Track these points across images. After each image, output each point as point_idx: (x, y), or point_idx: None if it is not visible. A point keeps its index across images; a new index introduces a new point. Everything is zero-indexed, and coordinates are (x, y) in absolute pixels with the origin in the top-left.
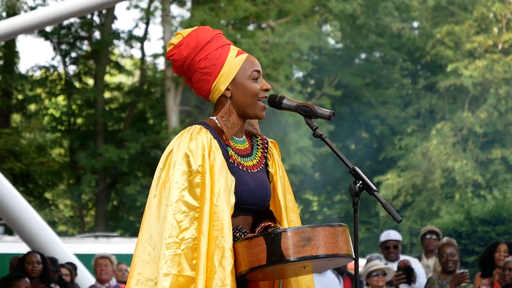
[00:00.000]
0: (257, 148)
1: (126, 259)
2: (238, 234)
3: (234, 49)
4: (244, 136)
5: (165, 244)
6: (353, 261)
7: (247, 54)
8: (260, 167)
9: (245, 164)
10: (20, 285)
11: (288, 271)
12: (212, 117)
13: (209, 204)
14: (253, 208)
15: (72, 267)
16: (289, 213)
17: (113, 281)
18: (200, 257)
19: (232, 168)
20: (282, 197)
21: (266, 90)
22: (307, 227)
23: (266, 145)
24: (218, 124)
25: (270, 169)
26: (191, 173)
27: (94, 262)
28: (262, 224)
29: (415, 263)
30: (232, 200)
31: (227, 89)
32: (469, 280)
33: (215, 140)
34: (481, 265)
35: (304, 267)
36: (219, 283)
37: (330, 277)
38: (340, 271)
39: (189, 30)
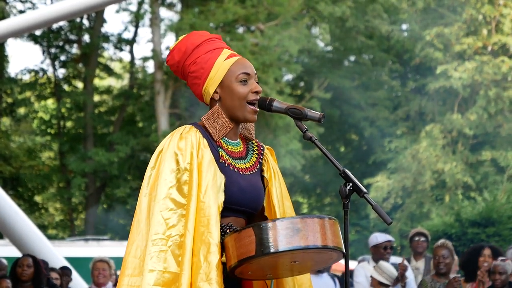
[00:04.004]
0: (252, 153)
1: (117, 262)
2: (228, 231)
3: (225, 52)
4: (238, 140)
5: (151, 240)
6: (343, 260)
7: (239, 57)
8: (254, 171)
9: (236, 166)
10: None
11: (279, 267)
12: None
13: (196, 201)
14: (244, 210)
15: (65, 272)
16: None
17: (109, 285)
18: (185, 253)
19: (223, 168)
20: (277, 203)
21: (257, 92)
22: (297, 218)
23: (262, 151)
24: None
25: (265, 175)
26: (179, 171)
27: (92, 265)
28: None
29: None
30: (221, 198)
31: (215, 92)
32: (460, 284)
33: (205, 139)
34: (465, 269)
35: (295, 262)
36: (204, 278)
37: (326, 279)
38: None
39: (184, 36)
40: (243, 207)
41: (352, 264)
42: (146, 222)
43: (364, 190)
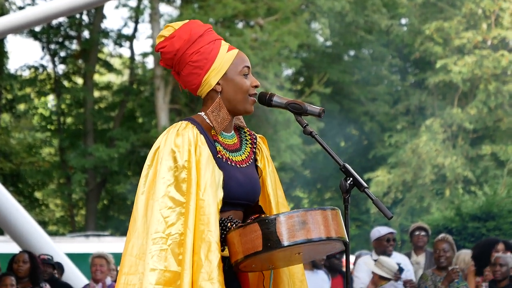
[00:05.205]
0: (246, 143)
1: (117, 258)
2: (229, 224)
3: (225, 44)
4: (232, 131)
5: (151, 239)
6: (345, 253)
7: (238, 50)
8: (249, 162)
9: (233, 159)
10: (2, 283)
11: (282, 259)
12: (200, 113)
13: (195, 199)
14: (243, 203)
15: (57, 266)
16: (280, 208)
17: (108, 280)
18: (186, 251)
19: (221, 163)
20: (272, 191)
21: (256, 86)
22: (301, 211)
23: (255, 140)
24: (207, 120)
25: (259, 164)
26: (177, 169)
27: (90, 261)
28: (252, 217)
29: (405, 261)
30: (220, 194)
31: (217, 83)
32: (459, 276)
33: (202, 136)
34: (477, 263)
35: (298, 253)
36: (206, 277)
37: (322, 275)
38: (333, 269)
39: (180, 23)
40: (242, 201)
41: (352, 259)
42: (143, 221)
43: (365, 184)
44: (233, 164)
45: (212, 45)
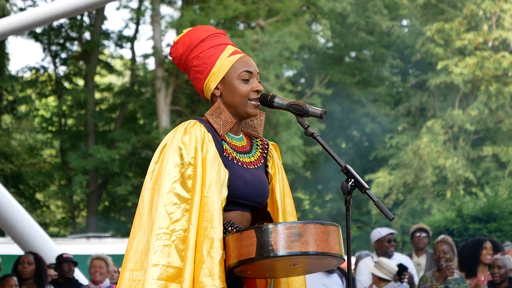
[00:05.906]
0: (256, 148)
1: (118, 259)
2: (230, 229)
3: (230, 49)
4: (241, 135)
5: (155, 235)
6: (345, 261)
7: (243, 54)
8: (258, 165)
9: (241, 160)
10: (5, 284)
11: (278, 269)
12: None
13: (200, 196)
14: (250, 204)
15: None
16: (287, 217)
17: (107, 282)
18: (189, 247)
19: (227, 162)
20: (280, 199)
21: (258, 91)
22: (299, 223)
23: (267, 147)
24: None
25: (269, 170)
26: (183, 165)
27: (89, 263)
28: (257, 224)
29: (407, 262)
30: (225, 192)
31: (216, 88)
32: (454, 272)
33: (209, 134)
34: (465, 264)
35: (294, 265)
36: (207, 273)
37: (335, 279)
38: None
39: (189, 29)
40: (249, 201)
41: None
42: (148, 217)
43: (366, 186)
44: (239, 164)
45: (214, 50)
